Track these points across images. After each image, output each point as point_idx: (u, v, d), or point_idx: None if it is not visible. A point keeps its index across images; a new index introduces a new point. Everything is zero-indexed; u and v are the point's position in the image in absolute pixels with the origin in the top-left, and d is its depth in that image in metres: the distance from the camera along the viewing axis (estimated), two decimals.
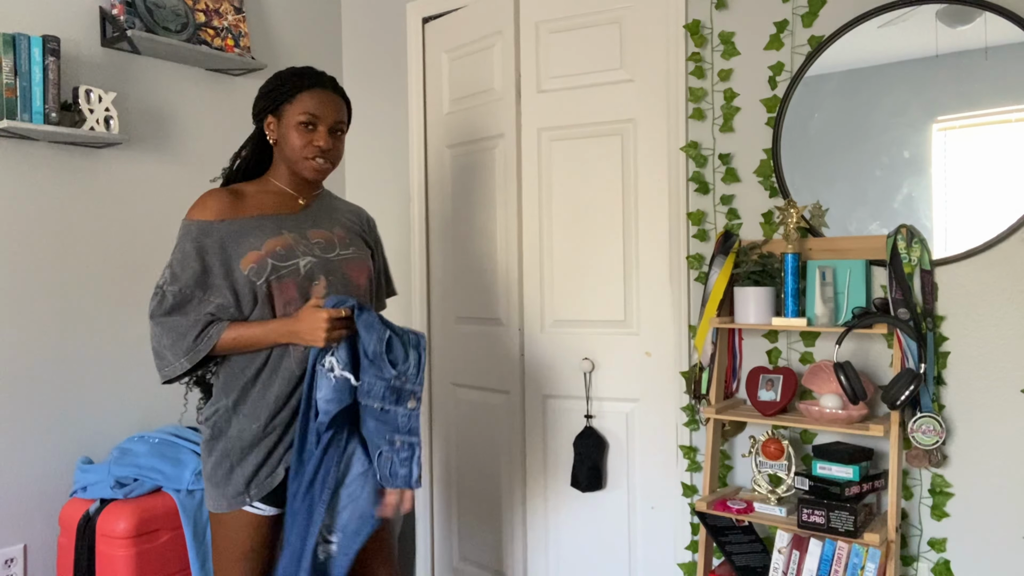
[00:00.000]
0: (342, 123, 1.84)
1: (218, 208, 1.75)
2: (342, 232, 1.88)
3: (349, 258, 1.84)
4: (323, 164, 1.81)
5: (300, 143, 1.78)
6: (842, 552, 2.02)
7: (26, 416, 2.37)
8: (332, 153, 1.82)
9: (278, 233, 1.77)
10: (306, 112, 1.77)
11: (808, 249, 2.23)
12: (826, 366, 2.18)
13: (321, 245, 1.81)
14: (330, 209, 1.92)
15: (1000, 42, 2.02)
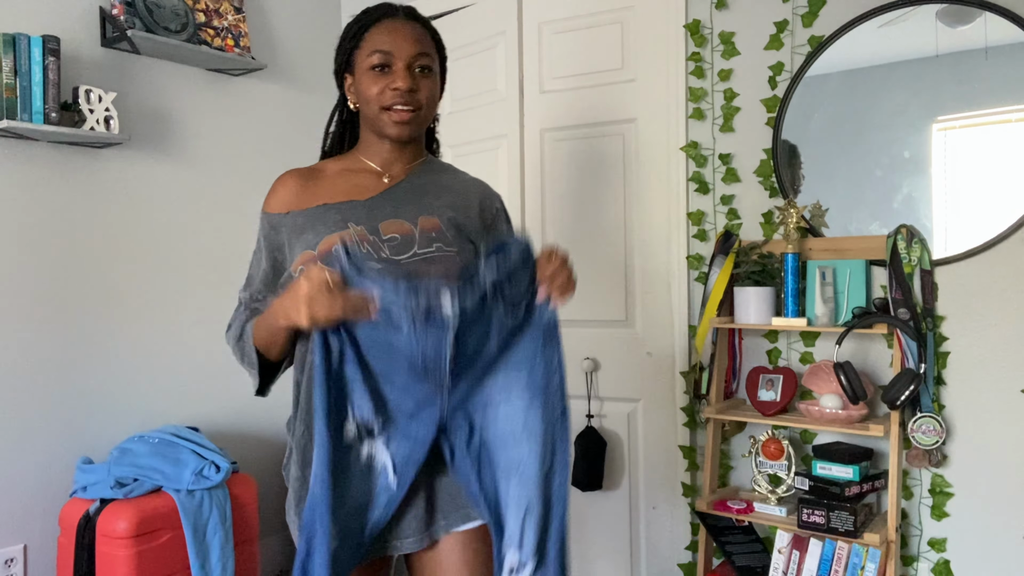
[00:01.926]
0: (425, 55, 1.38)
1: (286, 197, 1.41)
2: (434, 221, 1.38)
3: (429, 258, 1.35)
4: (405, 112, 1.36)
5: (374, 90, 1.36)
6: (842, 552, 2.02)
7: (26, 416, 2.37)
8: (416, 95, 1.37)
9: (342, 227, 1.35)
10: (375, 50, 1.36)
11: (808, 249, 2.23)
12: (826, 366, 2.18)
13: (394, 243, 1.35)
14: (427, 188, 1.44)
15: (1000, 42, 2.02)
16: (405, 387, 1.26)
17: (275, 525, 3.08)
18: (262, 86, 3.03)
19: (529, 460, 1.26)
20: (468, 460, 1.28)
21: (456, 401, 1.28)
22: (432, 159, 1.52)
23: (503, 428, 1.28)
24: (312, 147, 3.23)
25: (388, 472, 1.26)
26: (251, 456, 2.99)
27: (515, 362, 1.29)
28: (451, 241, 1.37)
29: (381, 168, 1.44)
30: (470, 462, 1.28)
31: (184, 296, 2.77)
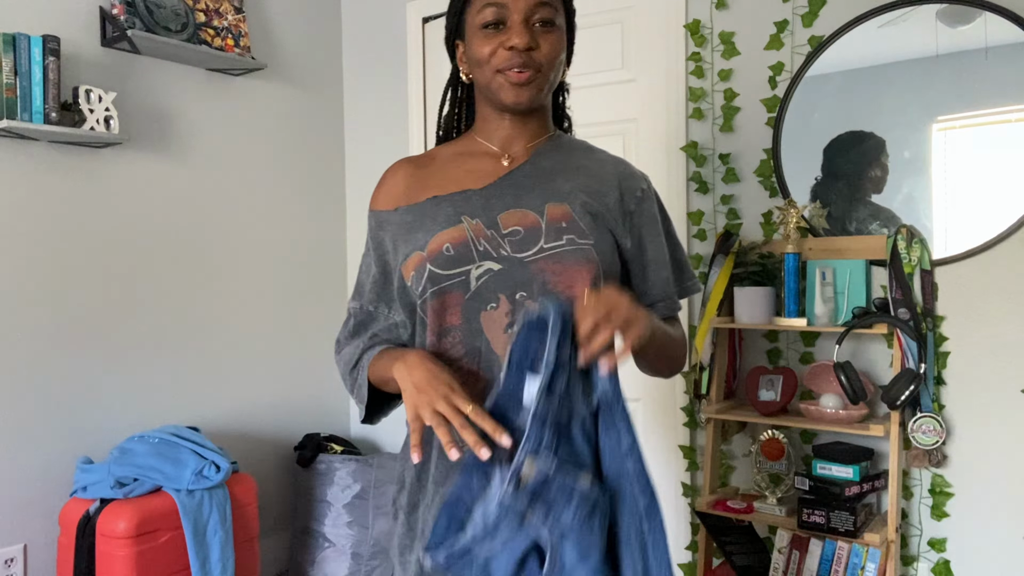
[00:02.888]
0: (545, 5, 1.15)
1: (395, 191, 1.24)
2: (564, 208, 1.16)
3: (559, 253, 1.13)
4: (522, 74, 1.14)
5: (487, 51, 1.15)
6: (842, 552, 2.02)
7: (26, 416, 2.37)
8: (535, 55, 1.14)
9: (455, 221, 1.16)
10: (487, 4, 1.15)
11: (808, 249, 2.23)
12: (826, 366, 2.18)
13: (516, 237, 1.14)
14: (555, 169, 1.22)
15: (1000, 42, 2.02)
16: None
17: (275, 525, 3.08)
18: (262, 86, 3.04)
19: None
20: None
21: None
22: (561, 135, 1.28)
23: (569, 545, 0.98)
24: (312, 147, 3.23)
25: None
26: (251, 456, 3.00)
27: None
28: (585, 232, 1.15)
29: (500, 148, 1.23)
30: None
31: (184, 296, 2.77)
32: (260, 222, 3.03)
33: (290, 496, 3.14)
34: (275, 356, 3.08)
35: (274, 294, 3.08)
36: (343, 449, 3.03)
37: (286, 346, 3.11)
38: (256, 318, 3.01)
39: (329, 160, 3.31)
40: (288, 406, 3.13)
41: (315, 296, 3.24)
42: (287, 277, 3.13)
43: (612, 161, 1.26)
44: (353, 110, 3.35)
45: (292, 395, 3.15)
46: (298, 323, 3.16)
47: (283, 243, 3.11)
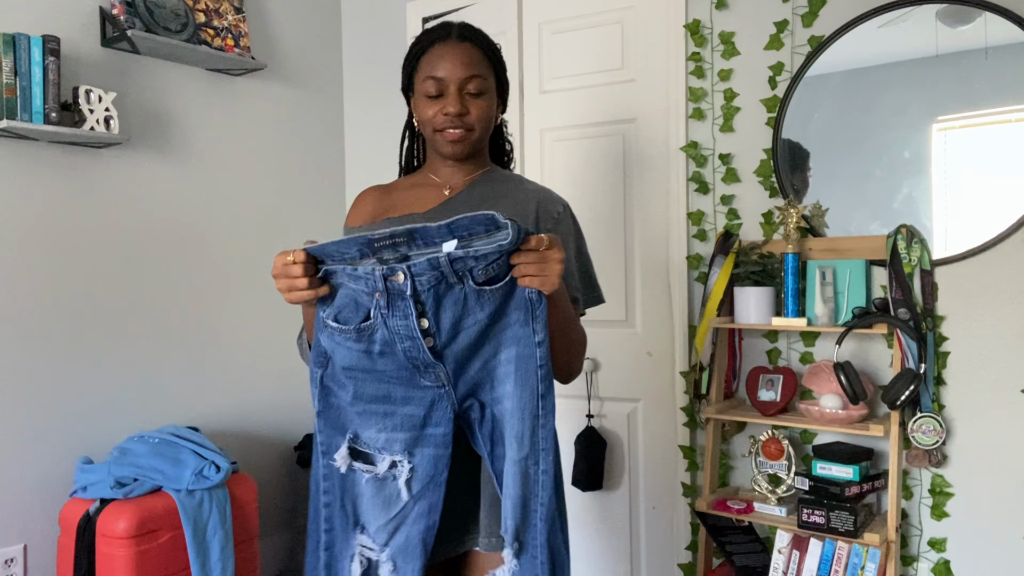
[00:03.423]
0: (476, 77, 1.40)
1: (364, 210, 1.50)
2: None
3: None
4: (456, 132, 1.40)
5: (428, 114, 1.41)
6: (842, 552, 2.02)
7: (26, 416, 2.37)
8: (467, 118, 1.40)
9: None
10: (427, 77, 1.40)
11: (808, 249, 2.23)
12: (826, 366, 2.18)
13: None
14: (485, 197, 1.47)
15: (1000, 42, 2.02)
16: (407, 398, 1.24)
17: (275, 525, 3.08)
18: (262, 86, 3.04)
19: (510, 444, 1.21)
20: (479, 438, 1.25)
21: (464, 390, 1.24)
22: (495, 169, 1.53)
23: (503, 407, 1.23)
24: (312, 147, 3.24)
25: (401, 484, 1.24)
26: (251, 456, 3.00)
27: (509, 339, 1.22)
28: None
29: (443, 181, 1.49)
30: (480, 440, 1.25)
31: (184, 296, 2.77)
32: (260, 222, 3.03)
33: (290, 496, 3.14)
34: (275, 356, 3.08)
35: (274, 294, 3.08)
36: None
37: (286, 346, 3.11)
38: (256, 318, 3.01)
39: (329, 160, 3.31)
40: (288, 406, 3.13)
41: None
42: None
43: (535, 190, 1.48)
44: (353, 110, 3.35)
45: (292, 395, 3.15)
46: (298, 323, 3.16)
47: (283, 242, 3.11)
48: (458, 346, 1.21)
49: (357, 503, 1.24)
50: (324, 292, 1.21)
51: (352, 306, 1.20)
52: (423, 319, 1.19)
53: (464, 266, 1.16)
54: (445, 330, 1.20)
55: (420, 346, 1.19)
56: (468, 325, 1.20)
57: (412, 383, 1.22)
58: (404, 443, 1.23)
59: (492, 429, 1.24)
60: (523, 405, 1.20)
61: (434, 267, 1.15)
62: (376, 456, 1.23)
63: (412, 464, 1.22)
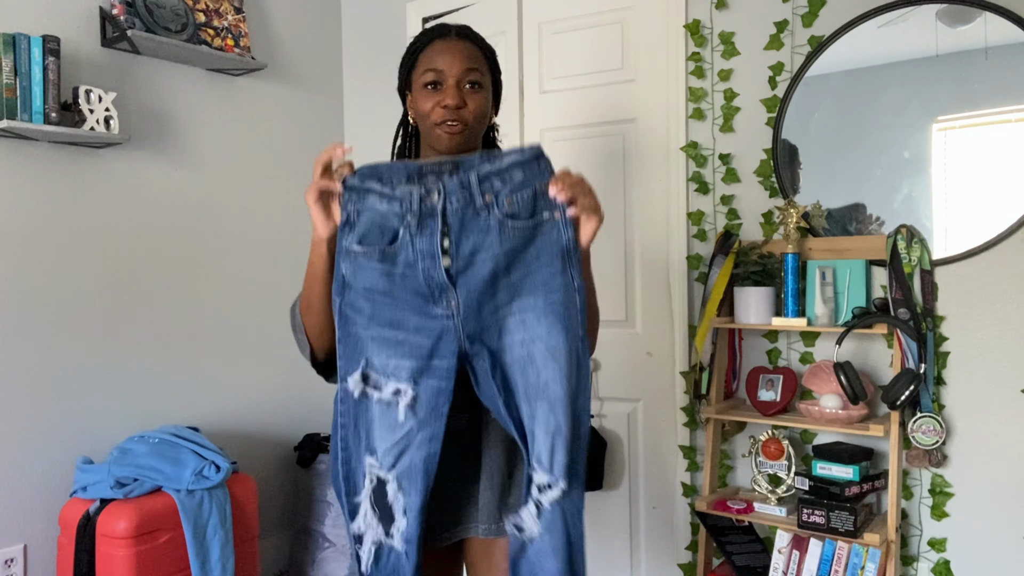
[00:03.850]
0: (474, 71, 1.45)
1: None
2: None
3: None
4: (454, 126, 1.43)
5: (427, 107, 1.44)
6: (842, 552, 2.02)
7: (26, 416, 2.37)
8: (464, 111, 1.44)
9: None
10: (427, 69, 1.44)
11: (808, 249, 2.23)
12: (826, 366, 2.18)
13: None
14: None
15: (1000, 42, 2.02)
16: (419, 327, 1.28)
17: (275, 525, 3.08)
18: (262, 86, 3.04)
19: (554, 384, 1.27)
20: (492, 385, 1.28)
21: (471, 329, 1.28)
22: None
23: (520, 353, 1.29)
24: (312, 147, 3.24)
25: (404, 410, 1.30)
26: (251, 456, 3.00)
27: (529, 287, 1.28)
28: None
29: None
30: (494, 387, 1.28)
31: (184, 295, 2.77)
32: (260, 222, 3.03)
33: (290, 496, 3.14)
34: (275, 356, 3.08)
35: (274, 294, 3.08)
36: None
37: (286, 346, 3.11)
38: (256, 318, 3.01)
39: None
40: (288, 406, 3.13)
41: None
42: (287, 276, 3.13)
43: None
44: (353, 110, 3.35)
45: (292, 395, 3.15)
46: None
47: (283, 243, 3.11)
48: (473, 276, 1.26)
49: (369, 427, 1.30)
50: (337, 189, 1.27)
51: (378, 230, 1.26)
52: (445, 239, 1.25)
53: (491, 187, 1.25)
54: (464, 255, 1.26)
55: (438, 264, 1.25)
56: (484, 255, 1.26)
57: (425, 312, 1.27)
58: (410, 371, 1.28)
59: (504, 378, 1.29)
60: (569, 347, 1.27)
61: (464, 186, 1.24)
62: (383, 381, 1.29)
63: (415, 393, 1.28)
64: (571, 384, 1.27)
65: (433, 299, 1.27)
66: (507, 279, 1.28)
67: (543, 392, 1.27)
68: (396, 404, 1.29)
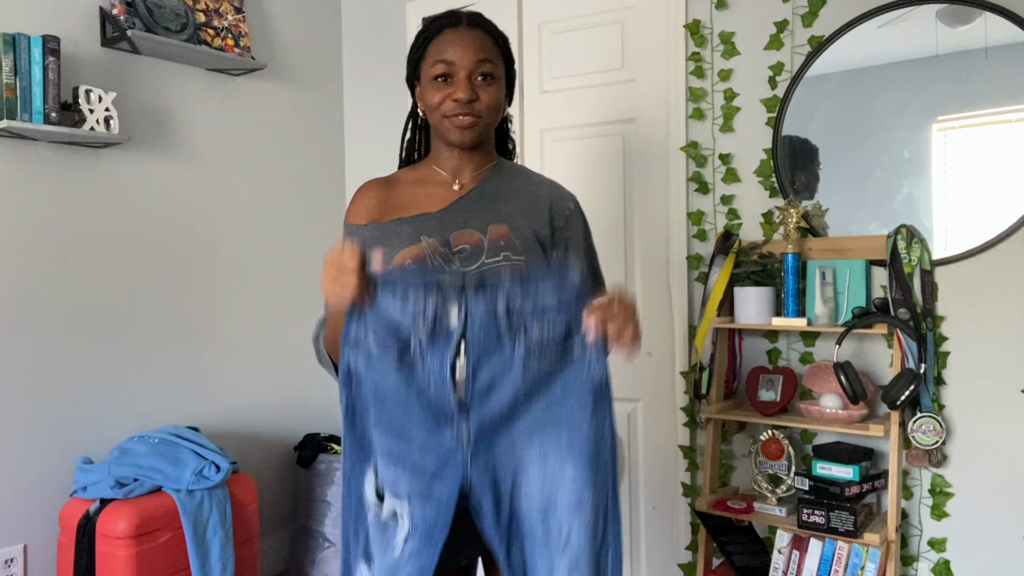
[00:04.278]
0: (486, 63, 1.36)
1: (367, 206, 1.42)
2: (502, 229, 1.37)
3: (494, 267, 1.33)
4: (465, 119, 1.35)
5: (437, 100, 1.36)
6: (842, 552, 2.02)
7: (26, 416, 2.37)
8: (476, 104, 1.35)
9: (415, 240, 1.35)
10: (436, 61, 1.36)
11: (808, 249, 2.23)
12: (826, 366, 2.18)
13: (465, 254, 1.34)
14: (497, 194, 1.43)
15: (1000, 42, 2.02)
16: (424, 444, 1.15)
17: (275, 525, 3.08)
18: (262, 86, 3.04)
19: (579, 538, 1.12)
20: (497, 530, 1.15)
21: (481, 463, 1.14)
22: (503, 163, 1.49)
23: (539, 498, 1.14)
24: (312, 147, 3.24)
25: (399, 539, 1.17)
26: (251, 456, 3.00)
27: (554, 421, 1.14)
28: (519, 249, 1.35)
29: (451, 176, 1.44)
30: (499, 533, 1.15)
31: (184, 296, 2.77)
32: (260, 222, 3.03)
33: (290, 496, 3.14)
34: (275, 356, 3.08)
35: (274, 293, 3.08)
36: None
37: (286, 346, 3.11)
38: (256, 318, 3.01)
39: (329, 160, 3.31)
40: (288, 406, 3.13)
41: (315, 296, 3.24)
42: (287, 276, 3.13)
43: (546, 184, 1.48)
44: (353, 110, 3.35)
45: (292, 395, 3.15)
46: (298, 323, 3.16)
47: (283, 242, 3.11)
48: (489, 407, 1.13)
49: (367, 535, 1.19)
50: (366, 300, 1.16)
51: (393, 332, 1.14)
52: (459, 364, 1.13)
53: (519, 311, 1.13)
54: (481, 384, 1.13)
55: (448, 389, 1.13)
56: (504, 386, 1.13)
57: (433, 430, 1.15)
58: (408, 489, 1.15)
59: (514, 522, 1.15)
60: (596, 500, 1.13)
61: (489, 311, 1.12)
62: (384, 492, 1.17)
63: (412, 523, 1.14)
64: (596, 539, 1.12)
65: (441, 422, 1.14)
66: (528, 413, 1.14)
67: (565, 546, 1.11)
68: (393, 528, 1.16)
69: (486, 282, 1.15)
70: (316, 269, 3.25)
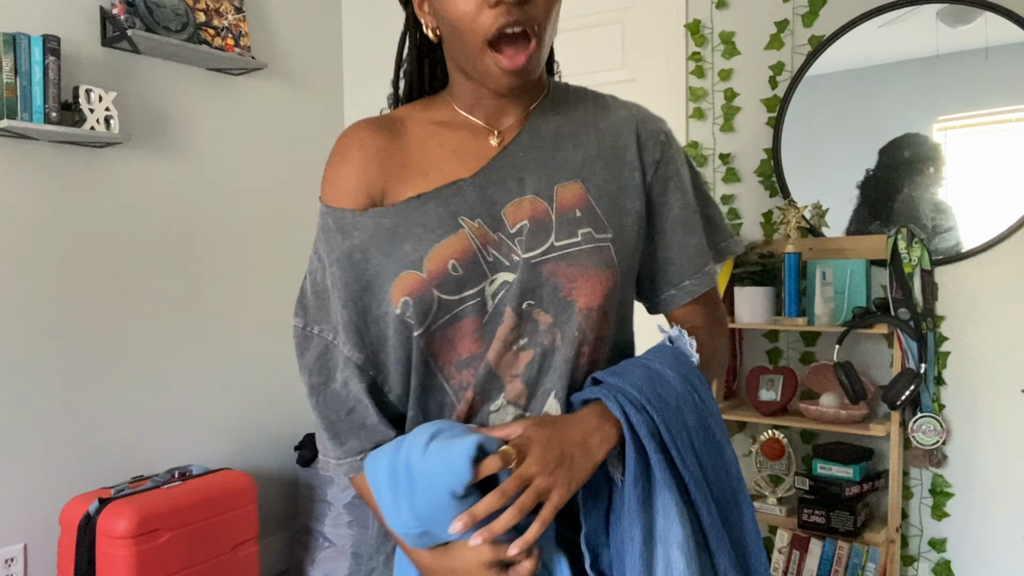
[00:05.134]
0: None
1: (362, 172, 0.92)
2: (577, 191, 0.91)
3: (573, 254, 0.88)
4: (520, 55, 0.85)
5: (468, 9, 0.83)
6: (842, 552, 2.02)
7: (26, 416, 2.37)
8: (531, 10, 0.84)
9: (452, 227, 0.88)
10: None
11: (808, 249, 2.23)
12: (826, 366, 2.18)
13: (525, 232, 0.89)
14: (561, 133, 0.95)
15: (1000, 42, 2.02)
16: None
17: (275, 525, 3.08)
18: (262, 86, 3.04)
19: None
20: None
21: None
22: (556, 86, 1.03)
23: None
24: (312, 147, 3.23)
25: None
26: (251, 456, 3.00)
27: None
28: (604, 222, 0.91)
29: (485, 120, 0.95)
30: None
31: (184, 295, 2.77)
32: (260, 222, 3.03)
33: (290, 496, 3.14)
34: (275, 355, 3.08)
35: (274, 293, 3.08)
36: None
37: (287, 346, 3.11)
38: (256, 317, 3.01)
39: None
40: (288, 406, 3.13)
41: None
42: (287, 276, 3.13)
43: (626, 109, 0.98)
44: (353, 110, 3.35)
45: (292, 395, 3.15)
46: None
47: (283, 242, 3.11)
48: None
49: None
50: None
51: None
52: None
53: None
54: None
55: None
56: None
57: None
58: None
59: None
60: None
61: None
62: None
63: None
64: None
65: None
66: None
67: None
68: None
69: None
70: None
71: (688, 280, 0.98)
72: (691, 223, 0.97)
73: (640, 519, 0.82)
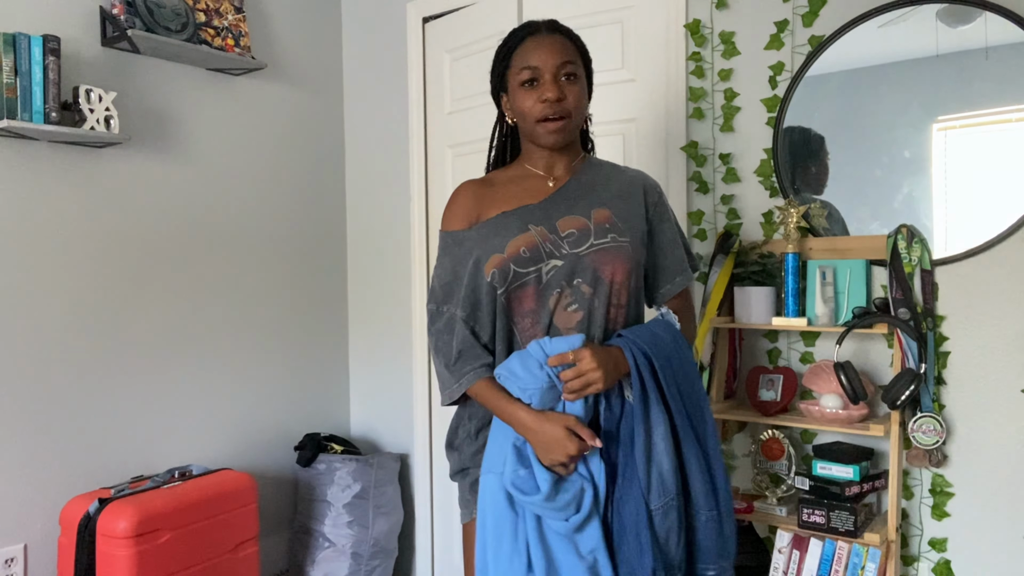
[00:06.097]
0: (569, 63, 1.50)
1: (465, 207, 1.57)
2: (606, 212, 1.53)
3: (605, 248, 1.50)
4: (557, 122, 1.49)
5: (527, 105, 1.50)
6: (842, 552, 2.02)
7: (26, 415, 2.37)
8: (564, 104, 1.49)
9: (524, 230, 1.50)
10: (523, 67, 1.50)
11: (808, 249, 2.23)
12: (826, 366, 2.18)
13: (573, 237, 1.50)
14: (593, 184, 1.58)
15: (1000, 42, 2.02)
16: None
17: (275, 525, 3.08)
18: (262, 86, 3.04)
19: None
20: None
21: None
22: (591, 157, 1.66)
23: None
24: (312, 147, 3.24)
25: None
26: (251, 456, 3.00)
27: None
28: (623, 230, 1.52)
29: (545, 172, 1.59)
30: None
31: (184, 295, 2.77)
32: (260, 222, 3.03)
33: (290, 496, 3.14)
34: (276, 356, 3.08)
35: (275, 294, 3.08)
36: (343, 449, 3.03)
37: (287, 346, 3.11)
38: (257, 317, 3.01)
39: (329, 160, 3.31)
40: (288, 406, 3.13)
41: (316, 296, 3.24)
42: (287, 277, 3.13)
43: (635, 172, 1.64)
44: (353, 110, 3.35)
45: (292, 395, 3.15)
46: (299, 323, 3.16)
47: (283, 243, 3.11)
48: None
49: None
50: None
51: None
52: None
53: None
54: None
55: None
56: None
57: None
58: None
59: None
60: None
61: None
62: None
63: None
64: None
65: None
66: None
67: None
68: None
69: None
70: (316, 268, 3.25)
71: (678, 277, 1.63)
72: (676, 243, 1.63)
73: (641, 421, 1.42)
